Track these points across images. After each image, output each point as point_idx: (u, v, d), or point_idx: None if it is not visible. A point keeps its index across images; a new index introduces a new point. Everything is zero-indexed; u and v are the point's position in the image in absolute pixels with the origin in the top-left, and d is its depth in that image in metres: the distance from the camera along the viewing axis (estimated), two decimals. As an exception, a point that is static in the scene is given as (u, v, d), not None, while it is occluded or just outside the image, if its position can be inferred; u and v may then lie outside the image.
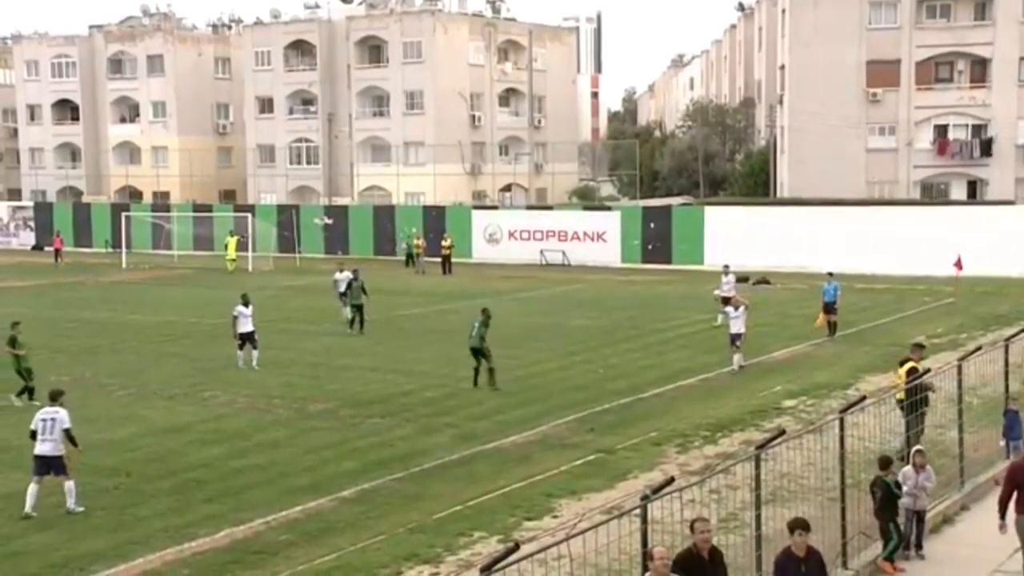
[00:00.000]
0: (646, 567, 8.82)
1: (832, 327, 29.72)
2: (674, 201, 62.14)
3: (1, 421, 21.02)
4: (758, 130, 79.06)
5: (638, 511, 9.17)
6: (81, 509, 15.12)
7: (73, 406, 21.42)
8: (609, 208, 59.01)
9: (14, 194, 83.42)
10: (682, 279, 46.76)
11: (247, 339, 25.97)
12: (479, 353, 23.34)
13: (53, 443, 15.07)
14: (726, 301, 30.17)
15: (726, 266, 34.37)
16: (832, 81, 59.73)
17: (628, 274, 49.26)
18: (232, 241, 53.57)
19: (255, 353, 25.87)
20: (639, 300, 39.88)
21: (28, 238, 69.25)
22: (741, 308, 25.49)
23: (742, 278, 45.31)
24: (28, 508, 14.94)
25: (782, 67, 64.63)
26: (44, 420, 15.21)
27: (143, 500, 15.73)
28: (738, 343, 25.08)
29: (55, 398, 15.68)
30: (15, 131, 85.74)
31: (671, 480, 9.50)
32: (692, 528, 9.22)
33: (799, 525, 9.56)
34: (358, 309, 31.71)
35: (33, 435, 15.22)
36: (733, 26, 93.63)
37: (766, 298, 37.95)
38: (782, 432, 11.28)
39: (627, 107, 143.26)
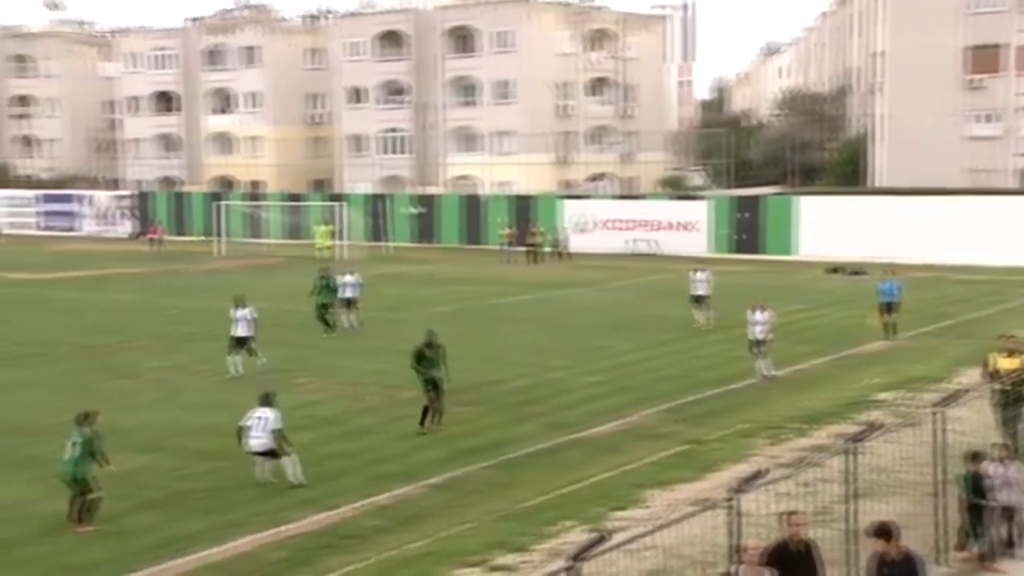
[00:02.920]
0: (736, 559, 8.74)
1: (891, 328, 27.59)
2: (765, 190, 61.23)
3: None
4: (852, 118, 77.50)
5: (728, 503, 9.08)
6: (301, 481, 15.67)
7: (172, 391, 22.03)
8: (699, 197, 58.42)
9: (115, 183, 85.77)
10: (772, 269, 46.08)
11: (241, 344, 24.42)
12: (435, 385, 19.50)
13: (260, 440, 15.78)
14: (698, 300, 29.81)
15: (700, 263, 32.56)
16: (931, 67, 58.21)
17: (718, 264, 48.47)
18: (322, 230, 54.39)
19: (238, 359, 24.20)
20: (729, 290, 39.27)
21: (129, 226, 71.18)
22: (767, 312, 23.31)
23: (834, 268, 44.58)
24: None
25: (878, 53, 63.22)
26: (257, 419, 15.93)
27: (238, 484, 16.07)
28: (761, 349, 23.04)
29: (268, 402, 16.13)
30: (117, 122, 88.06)
31: (762, 472, 9.39)
32: (784, 521, 9.10)
33: (879, 533, 9.18)
34: (325, 308, 29.83)
35: (240, 431, 15.91)
36: (827, 13, 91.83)
37: (860, 289, 37.21)
38: (875, 425, 11.07)
39: (716, 96, 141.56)
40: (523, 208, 57.72)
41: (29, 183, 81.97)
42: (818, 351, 26.44)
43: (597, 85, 75.25)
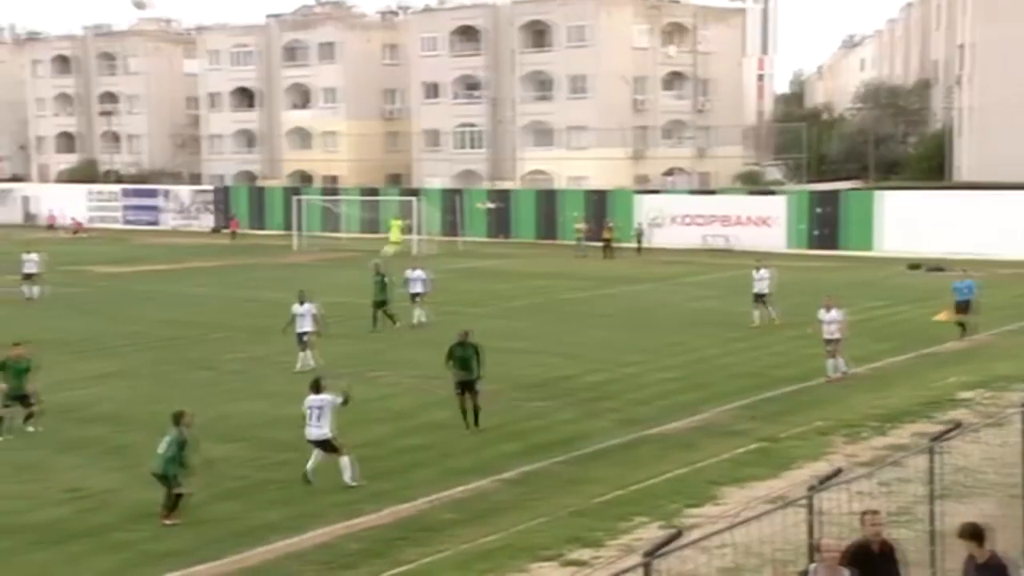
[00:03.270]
0: (812, 558, 8.66)
1: (967, 328, 26.86)
2: (843, 185, 60.32)
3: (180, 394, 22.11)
4: (934, 112, 75.90)
5: (804, 501, 8.99)
6: (355, 484, 15.50)
7: (251, 382, 22.42)
8: (775, 192, 57.78)
9: (196, 178, 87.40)
10: (851, 265, 45.46)
11: (303, 338, 24.44)
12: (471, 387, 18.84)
13: (319, 429, 15.64)
14: (759, 298, 29.21)
15: (758, 260, 31.67)
16: (1018, 59, 56.76)
17: (794, 260, 48.12)
18: (396, 224, 54.87)
19: (308, 354, 24.18)
20: (806, 286, 38.88)
21: (208, 220, 72.53)
22: (838, 311, 22.75)
23: (915, 265, 43.76)
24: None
25: (962, 46, 61.82)
26: (312, 408, 15.76)
27: (316, 475, 16.29)
28: (833, 348, 22.47)
29: (319, 388, 15.99)
30: (198, 118, 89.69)
31: (839, 471, 9.29)
32: (863, 520, 8.98)
33: (971, 535, 8.94)
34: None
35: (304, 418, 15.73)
36: (910, 4, 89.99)
37: (941, 286, 36.49)
38: (958, 424, 10.87)
39: (795, 89, 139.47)
40: (597, 203, 57.59)
41: (115, 178, 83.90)
42: (897, 348, 26.02)
43: (672, 80, 74.71)
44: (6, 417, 18.75)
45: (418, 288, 31.00)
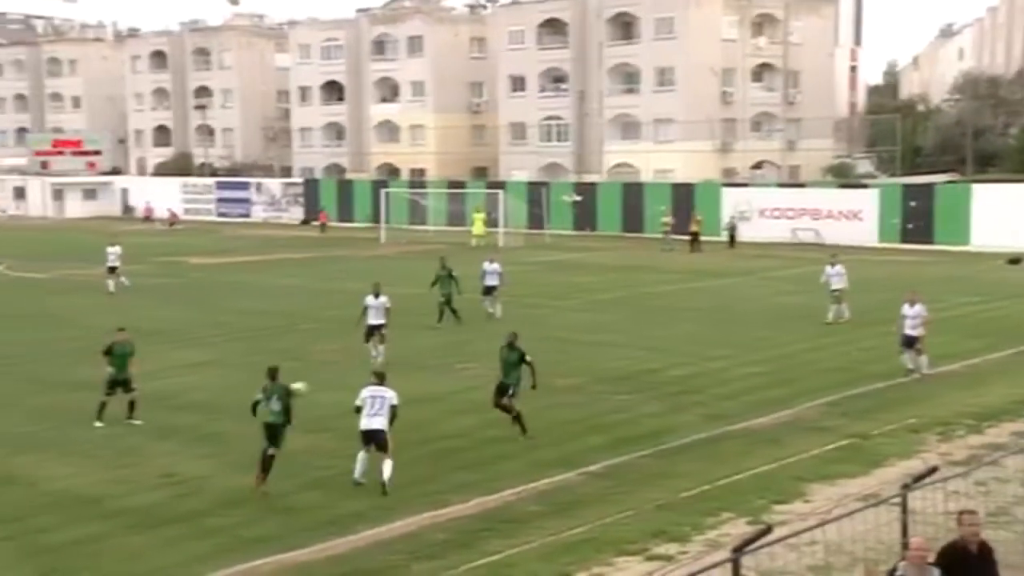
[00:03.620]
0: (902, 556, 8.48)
1: None
2: (938, 178, 58.90)
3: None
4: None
5: (897, 500, 8.81)
6: (390, 487, 15.03)
7: (337, 373, 22.72)
8: (866, 186, 56.67)
9: (286, 171, 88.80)
10: (945, 260, 44.42)
11: (374, 331, 24.24)
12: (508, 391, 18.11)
13: (381, 418, 15.35)
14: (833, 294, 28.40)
15: (833, 255, 30.53)
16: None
17: (885, 254, 47.22)
18: (479, 217, 55.06)
19: (381, 348, 24.04)
20: (897, 281, 38.11)
21: (297, 213, 73.65)
22: (921, 306, 22.00)
23: (1015, 259, 42.55)
24: (357, 475, 15.34)
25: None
26: (373, 397, 15.54)
27: (401, 466, 16.37)
28: (917, 346, 21.83)
29: (382, 378, 16.02)
30: (288, 112, 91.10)
31: (934, 469, 9.08)
32: (960, 520, 8.77)
33: None
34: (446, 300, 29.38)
35: (358, 410, 15.48)
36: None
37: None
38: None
39: (888, 80, 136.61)
40: (683, 196, 57.13)
41: (209, 171, 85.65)
42: (993, 345, 25.35)
43: (761, 71, 73.66)
44: (108, 403, 19.26)
45: (494, 281, 30.93)
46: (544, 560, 12.60)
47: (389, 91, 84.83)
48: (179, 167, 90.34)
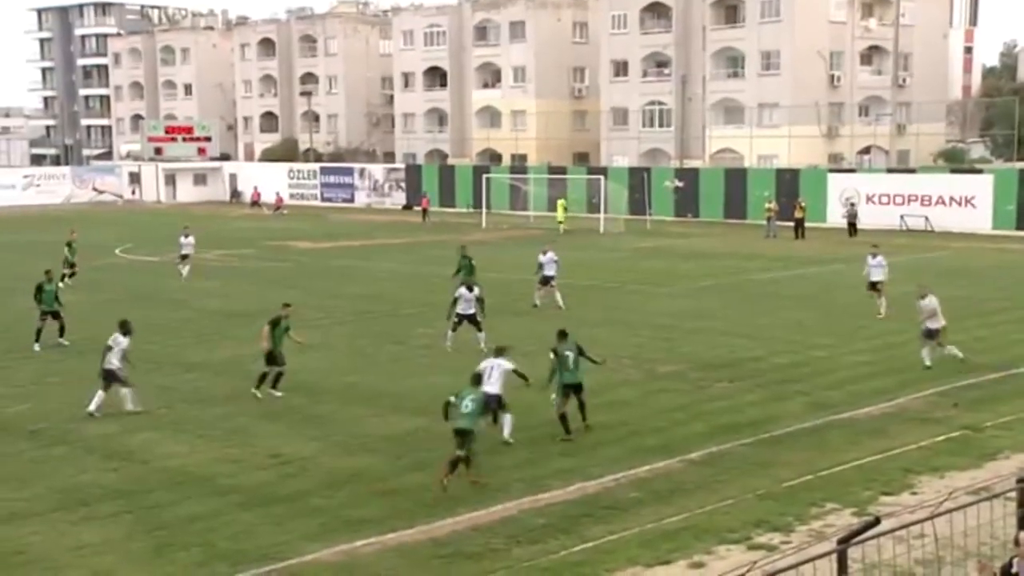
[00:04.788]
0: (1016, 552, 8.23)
1: None
2: (1057, 163, 56.86)
3: (378, 370, 22.80)
4: None
5: (1012, 494, 8.56)
6: (512, 440, 16.63)
7: (438, 358, 22.91)
8: (980, 171, 54.99)
9: (389, 157, 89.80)
10: (1063, 248, 42.92)
11: (469, 320, 24.06)
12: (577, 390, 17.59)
13: (496, 384, 16.63)
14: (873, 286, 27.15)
15: (875, 246, 29.23)
16: None
17: (1000, 242, 45.80)
18: (561, 204, 54.99)
19: (481, 335, 23.83)
20: (1013, 269, 36.99)
21: (400, 198, 74.46)
22: (929, 298, 21.53)
23: None
24: (506, 435, 16.79)
25: None
26: (490, 367, 16.76)
27: (503, 449, 16.55)
28: (939, 339, 21.39)
29: (500, 352, 17.20)
30: (392, 98, 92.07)
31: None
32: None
33: None
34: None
35: (478, 378, 16.06)
36: None
37: None
38: None
39: (1006, 62, 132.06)
40: (788, 182, 56.18)
41: (314, 156, 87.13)
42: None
43: (870, 54, 71.94)
44: (267, 374, 19.93)
45: (551, 271, 30.52)
46: (644, 547, 12.56)
47: (491, 77, 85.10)
48: (285, 153, 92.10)
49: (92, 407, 18.80)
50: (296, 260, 44.14)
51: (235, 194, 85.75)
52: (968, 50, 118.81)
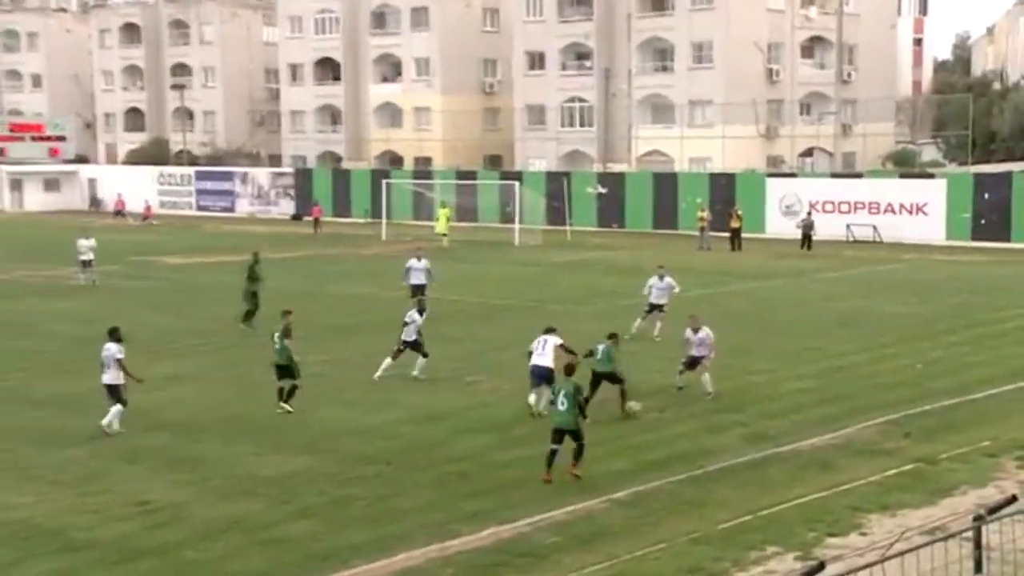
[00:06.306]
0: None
1: None
2: (1016, 167, 58.63)
3: (252, 394, 22.49)
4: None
5: (969, 534, 8.73)
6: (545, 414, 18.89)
7: (332, 387, 22.73)
8: (932, 175, 56.50)
9: (275, 160, 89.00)
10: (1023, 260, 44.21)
11: (412, 347, 23.97)
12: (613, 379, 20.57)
13: (547, 357, 20.07)
14: (656, 309, 27.99)
15: (660, 267, 29.80)
16: None
17: (954, 253, 47.05)
18: (443, 213, 54.79)
19: (420, 362, 23.87)
20: (968, 284, 38.00)
21: (288, 206, 73.83)
22: (704, 331, 22.16)
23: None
24: (532, 401, 20.36)
25: None
26: (540, 341, 20.49)
27: (404, 491, 16.45)
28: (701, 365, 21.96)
29: (550, 331, 20.80)
30: (277, 93, 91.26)
31: (1013, 499, 8.99)
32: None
33: None
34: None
35: (529, 354, 20.43)
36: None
37: None
38: None
39: (958, 55, 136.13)
40: (723, 188, 57.04)
41: (188, 159, 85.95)
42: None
43: (812, 46, 73.59)
44: (283, 388, 21.34)
45: (421, 279, 31.13)
46: (564, 600, 12.56)
47: (391, 69, 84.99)
48: (154, 155, 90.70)
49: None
50: (167, 277, 43.45)
51: (95, 202, 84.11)
52: (918, 42, 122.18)
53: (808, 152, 71.42)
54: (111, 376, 19.88)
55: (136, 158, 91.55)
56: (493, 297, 34.58)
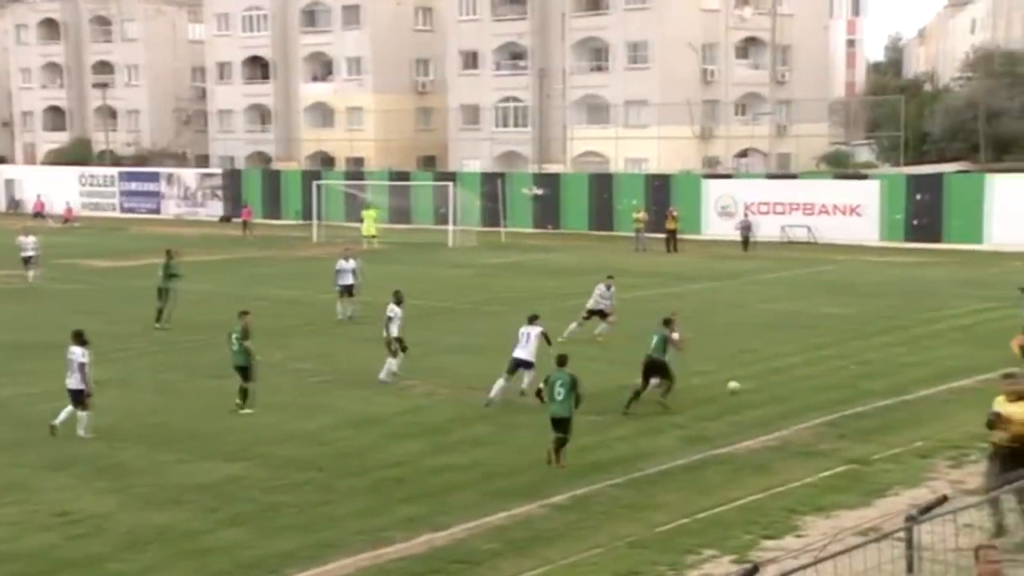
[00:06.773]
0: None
1: None
2: (947, 168, 59.67)
3: (175, 401, 22.26)
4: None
5: (901, 534, 8.89)
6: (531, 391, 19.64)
7: (262, 392, 22.59)
8: (866, 176, 57.31)
9: (202, 160, 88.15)
10: (956, 261, 45.01)
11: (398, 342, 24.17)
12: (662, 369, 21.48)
13: (528, 349, 21.18)
14: (596, 315, 28.32)
15: (610, 277, 29.99)
16: None
17: (888, 254, 47.75)
18: (368, 215, 54.68)
19: (394, 361, 24.07)
20: (902, 285, 38.61)
21: (216, 208, 73.14)
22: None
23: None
24: (492, 395, 21.38)
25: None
26: (523, 333, 21.40)
27: (337, 498, 16.38)
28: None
29: (532, 319, 21.88)
30: (205, 92, 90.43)
31: (944, 499, 9.17)
32: (977, 557, 8.86)
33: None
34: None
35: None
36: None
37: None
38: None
39: (891, 56, 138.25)
40: (659, 189, 57.43)
41: (111, 159, 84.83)
42: (1012, 358, 25.60)
43: (746, 47, 74.32)
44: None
45: (348, 280, 31.62)
46: (500, 606, 12.58)
47: (322, 68, 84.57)
48: (76, 155, 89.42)
49: None
50: (90, 281, 42.90)
51: (13, 203, 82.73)
52: (851, 43, 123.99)
53: (743, 153, 72.15)
54: (76, 380, 19.75)
55: (57, 158, 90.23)
56: (430, 299, 34.50)
